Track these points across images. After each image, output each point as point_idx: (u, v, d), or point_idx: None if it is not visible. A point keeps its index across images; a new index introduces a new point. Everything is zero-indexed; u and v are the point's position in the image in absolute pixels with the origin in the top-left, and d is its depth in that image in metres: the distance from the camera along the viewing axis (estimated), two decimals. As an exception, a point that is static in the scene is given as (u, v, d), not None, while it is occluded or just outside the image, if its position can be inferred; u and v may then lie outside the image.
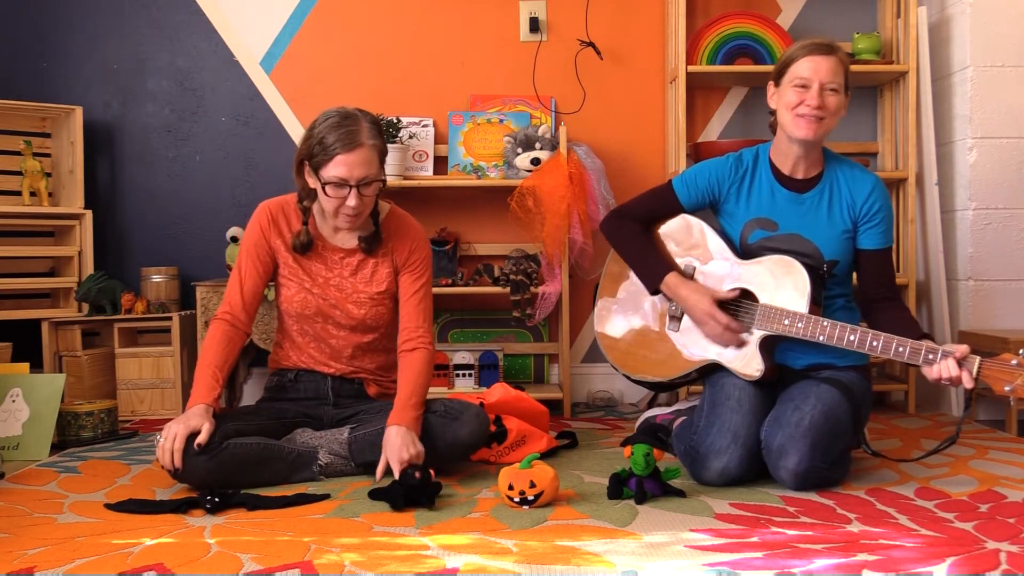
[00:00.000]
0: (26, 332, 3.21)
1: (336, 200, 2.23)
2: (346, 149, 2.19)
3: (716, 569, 1.63)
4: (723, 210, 2.39)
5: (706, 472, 2.19)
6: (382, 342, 2.46)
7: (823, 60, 2.22)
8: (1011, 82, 3.17)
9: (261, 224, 2.38)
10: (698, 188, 2.38)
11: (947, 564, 1.65)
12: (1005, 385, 2.02)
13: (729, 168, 2.36)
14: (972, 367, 2.05)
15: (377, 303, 2.40)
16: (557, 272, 3.26)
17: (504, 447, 2.48)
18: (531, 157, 3.21)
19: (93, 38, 3.51)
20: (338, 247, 2.40)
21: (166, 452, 2.11)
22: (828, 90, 2.22)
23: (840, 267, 2.30)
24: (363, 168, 2.21)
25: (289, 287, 2.39)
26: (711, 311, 2.25)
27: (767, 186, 2.34)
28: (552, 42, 3.51)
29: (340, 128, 2.21)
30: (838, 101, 2.24)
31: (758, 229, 2.32)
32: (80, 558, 1.72)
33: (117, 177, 3.54)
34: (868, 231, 2.30)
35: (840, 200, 2.30)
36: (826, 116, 2.23)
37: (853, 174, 2.32)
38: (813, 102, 2.21)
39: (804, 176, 2.32)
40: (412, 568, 1.65)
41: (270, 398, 2.47)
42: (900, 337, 2.11)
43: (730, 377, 2.27)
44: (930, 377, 2.08)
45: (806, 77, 2.22)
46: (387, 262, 2.41)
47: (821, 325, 2.16)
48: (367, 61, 3.51)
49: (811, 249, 2.28)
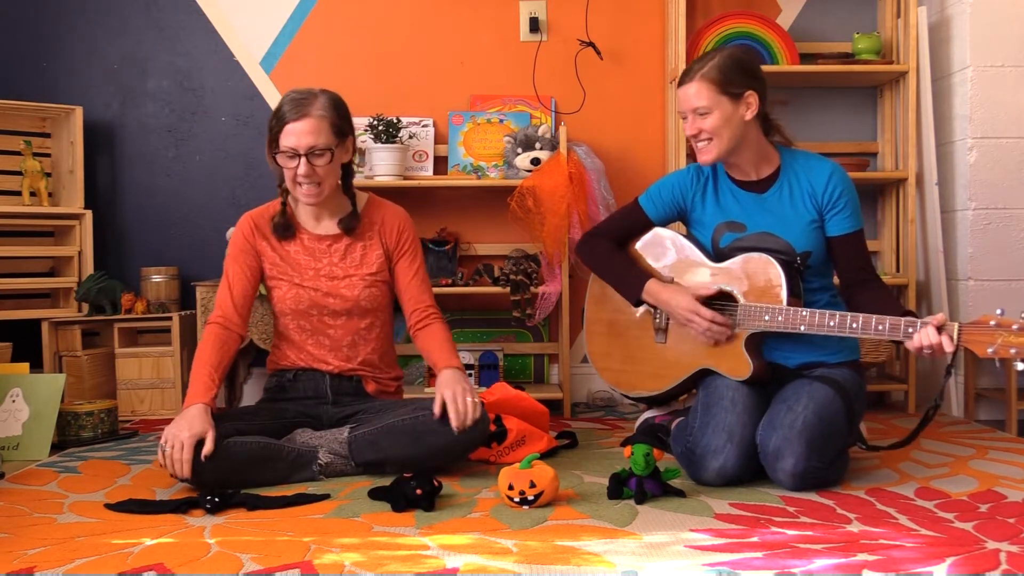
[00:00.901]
0: (26, 332, 3.21)
1: (289, 171, 2.30)
2: (293, 118, 2.26)
3: (716, 569, 1.63)
4: (691, 219, 2.43)
5: (704, 472, 2.19)
6: (380, 329, 2.47)
7: (685, 88, 2.29)
8: (1011, 82, 3.17)
9: (244, 231, 2.43)
10: (663, 201, 2.43)
11: (947, 564, 1.65)
12: (987, 347, 2.01)
13: (691, 178, 2.41)
14: (952, 332, 2.04)
15: (370, 284, 2.42)
16: (557, 272, 3.26)
17: (504, 447, 2.48)
18: (531, 157, 3.21)
19: (93, 38, 3.51)
20: (323, 235, 2.43)
21: (175, 463, 2.11)
22: (698, 115, 2.26)
23: (814, 258, 2.31)
24: (310, 137, 2.26)
25: (280, 287, 2.41)
26: (694, 307, 2.27)
27: (728, 191, 2.38)
28: (552, 42, 3.51)
29: (294, 101, 2.29)
30: (716, 119, 2.24)
31: (728, 232, 2.35)
32: (80, 558, 1.72)
33: (117, 177, 3.54)
34: (834, 217, 2.30)
35: (801, 191, 2.32)
36: (713, 137, 2.26)
37: (809, 164, 2.34)
38: (690, 131, 2.29)
39: (758, 177, 2.35)
40: (412, 568, 1.65)
41: (270, 399, 2.47)
42: (879, 315, 2.11)
43: (723, 379, 2.28)
44: (912, 348, 2.08)
45: (680, 110, 2.32)
46: (376, 244, 2.44)
47: (800, 315, 2.18)
48: (367, 61, 3.51)
49: (782, 245, 2.29)
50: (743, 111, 2.26)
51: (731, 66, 2.26)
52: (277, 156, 2.31)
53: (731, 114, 2.25)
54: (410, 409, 2.28)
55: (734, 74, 2.25)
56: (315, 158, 2.28)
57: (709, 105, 2.24)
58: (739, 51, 2.33)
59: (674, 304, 2.31)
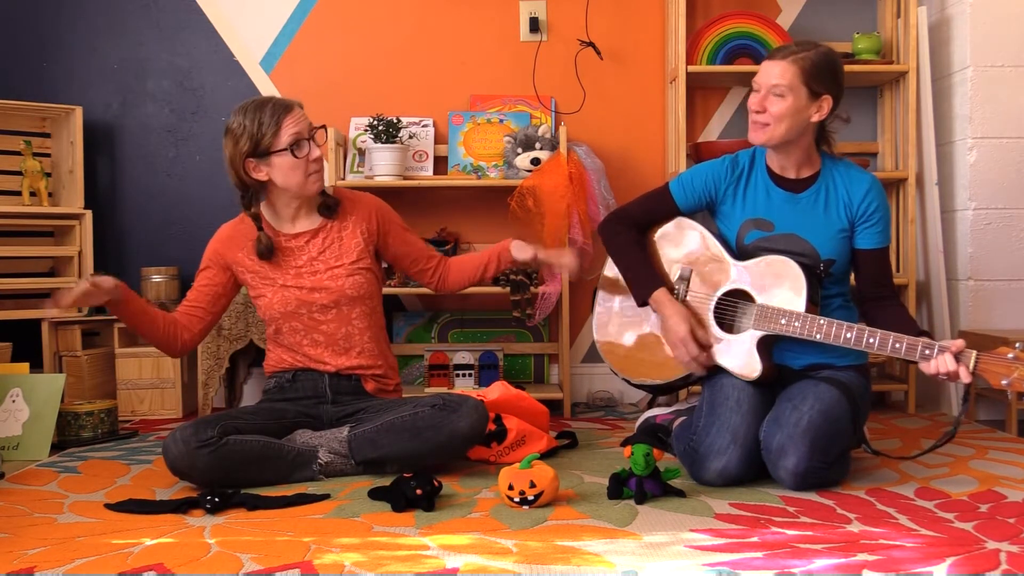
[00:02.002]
0: (26, 332, 3.21)
1: (302, 161, 2.33)
2: (285, 112, 2.33)
3: (716, 569, 1.63)
4: (719, 211, 2.40)
5: (705, 472, 2.19)
6: (371, 318, 2.47)
7: (772, 64, 2.24)
8: (1011, 82, 3.17)
9: (217, 245, 2.47)
10: (695, 190, 2.39)
11: (947, 564, 1.65)
12: (1002, 379, 2.01)
13: (725, 169, 2.37)
14: (969, 361, 2.05)
15: (351, 272, 2.43)
16: (557, 272, 3.26)
17: (504, 447, 2.48)
18: (531, 157, 3.21)
19: (93, 38, 3.51)
20: (298, 233, 2.44)
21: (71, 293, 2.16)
22: (773, 94, 2.22)
23: (837, 266, 2.30)
24: (305, 119, 2.36)
25: (264, 294, 2.42)
26: (685, 339, 2.26)
27: (763, 186, 2.34)
28: (552, 42, 3.51)
29: (264, 107, 2.33)
30: (785, 106, 2.21)
31: (754, 229, 2.33)
32: (80, 558, 1.72)
33: (117, 177, 3.54)
34: (866, 231, 2.29)
35: (837, 199, 2.30)
36: (770, 122, 2.23)
37: (850, 174, 2.32)
38: (754, 105, 2.24)
39: (797, 176, 2.33)
40: (412, 568, 1.65)
41: (269, 399, 2.47)
42: (896, 333, 2.11)
43: (729, 378, 2.27)
44: (927, 372, 2.08)
45: (756, 81, 2.26)
46: (353, 232, 2.46)
47: (818, 324, 2.17)
48: (367, 61, 3.51)
49: (807, 249, 2.28)
50: (813, 111, 2.24)
51: (825, 64, 2.23)
52: (289, 151, 2.31)
53: (802, 108, 2.23)
54: (410, 406, 2.28)
55: (824, 73, 2.23)
56: (317, 135, 2.38)
57: (788, 89, 2.21)
58: (836, 54, 2.29)
59: (671, 324, 2.30)
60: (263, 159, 2.32)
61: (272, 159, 2.32)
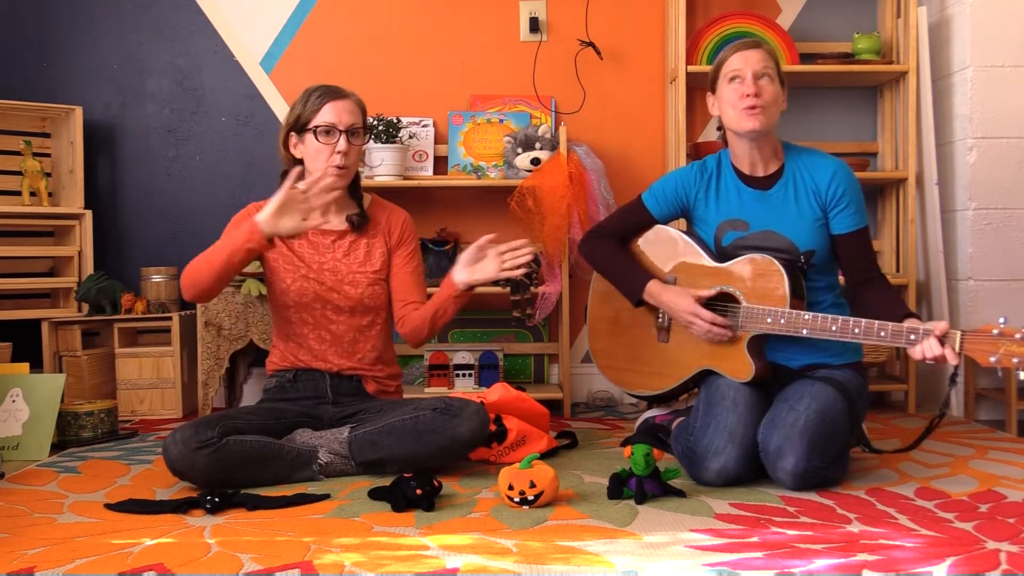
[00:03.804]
0: (26, 332, 3.21)
1: (327, 148, 2.33)
2: (334, 98, 2.35)
3: (716, 569, 1.63)
4: (694, 216, 2.42)
5: (704, 472, 2.19)
6: (380, 328, 2.48)
7: (751, 52, 2.29)
8: (1011, 82, 3.17)
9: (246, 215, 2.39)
10: (667, 199, 2.43)
11: (947, 564, 1.65)
12: (990, 356, 1.99)
13: (694, 175, 2.41)
14: (954, 342, 2.03)
15: (373, 282, 2.43)
16: (557, 272, 3.26)
17: (504, 447, 2.48)
18: (531, 157, 3.21)
19: (93, 38, 3.51)
20: (328, 231, 2.44)
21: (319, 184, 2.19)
22: (763, 78, 2.26)
23: (818, 256, 2.30)
24: (351, 116, 2.36)
25: (284, 278, 2.41)
26: (694, 310, 2.27)
27: (733, 187, 2.37)
28: (552, 42, 3.51)
29: (329, 88, 2.39)
30: (774, 90, 2.28)
31: (731, 230, 2.35)
32: (80, 558, 1.72)
33: (117, 177, 3.54)
34: (838, 215, 2.30)
35: (805, 189, 2.32)
36: (766, 105, 2.26)
37: (813, 161, 2.34)
38: (749, 90, 2.25)
39: (765, 173, 2.35)
40: (412, 568, 1.65)
41: (270, 399, 2.47)
42: (881, 321, 2.11)
43: (725, 379, 2.28)
44: (915, 358, 2.07)
45: (739, 68, 2.28)
46: (380, 241, 2.47)
47: (803, 318, 2.17)
48: (367, 61, 3.51)
49: (785, 243, 2.29)
50: (782, 100, 2.33)
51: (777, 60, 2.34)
52: (313, 133, 2.33)
53: (779, 95, 2.32)
54: (410, 408, 2.28)
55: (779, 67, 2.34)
56: (353, 137, 2.36)
57: (773, 74, 2.29)
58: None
59: (675, 306, 2.31)
60: (300, 135, 2.38)
61: (305, 136, 2.36)
